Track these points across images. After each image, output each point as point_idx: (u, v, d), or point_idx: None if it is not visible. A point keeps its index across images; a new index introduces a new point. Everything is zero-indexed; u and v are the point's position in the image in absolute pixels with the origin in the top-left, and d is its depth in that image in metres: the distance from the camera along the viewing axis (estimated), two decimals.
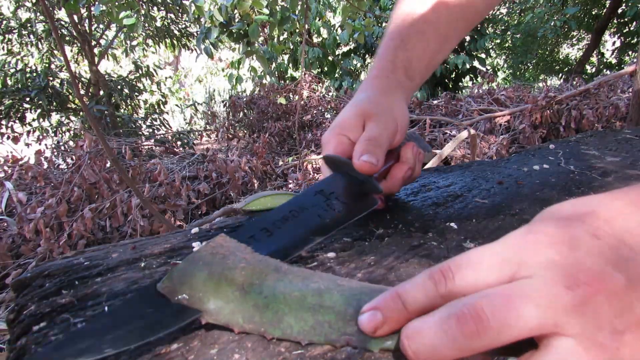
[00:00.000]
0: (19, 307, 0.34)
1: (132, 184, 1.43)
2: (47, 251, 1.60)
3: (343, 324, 0.28)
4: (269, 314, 0.29)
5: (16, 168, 2.03)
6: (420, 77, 0.56)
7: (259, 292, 0.30)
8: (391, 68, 0.53)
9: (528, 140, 2.63)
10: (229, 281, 0.30)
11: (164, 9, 4.56)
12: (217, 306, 0.29)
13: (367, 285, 0.31)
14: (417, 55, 0.55)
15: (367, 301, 0.28)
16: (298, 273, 0.32)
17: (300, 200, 0.43)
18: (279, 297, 0.29)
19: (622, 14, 6.14)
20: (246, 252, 0.33)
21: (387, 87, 0.52)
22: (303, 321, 0.28)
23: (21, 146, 3.97)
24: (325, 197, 0.43)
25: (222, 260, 0.32)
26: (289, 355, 0.27)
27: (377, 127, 0.46)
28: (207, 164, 2.35)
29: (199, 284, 0.30)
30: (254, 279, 0.31)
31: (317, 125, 3.51)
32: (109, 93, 4.38)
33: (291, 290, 0.30)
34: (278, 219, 0.40)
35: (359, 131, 0.47)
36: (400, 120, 0.48)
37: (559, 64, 7.85)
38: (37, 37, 4.43)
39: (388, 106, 0.49)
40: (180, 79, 8.47)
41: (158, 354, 0.27)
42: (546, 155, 0.73)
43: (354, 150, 0.44)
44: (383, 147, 0.45)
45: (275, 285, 0.30)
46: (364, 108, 0.48)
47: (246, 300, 0.29)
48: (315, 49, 5.03)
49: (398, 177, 0.47)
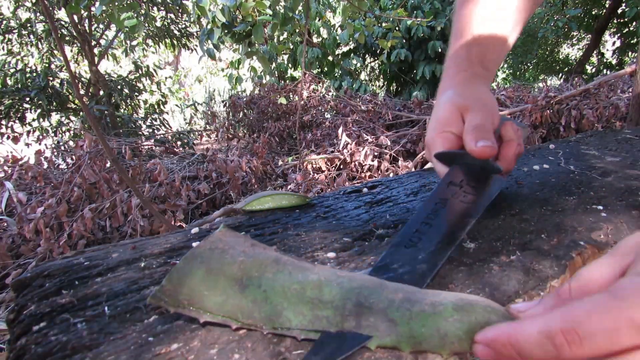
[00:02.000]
0: (19, 307, 0.34)
1: (132, 184, 1.43)
2: (47, 251, 1.60)
3: (341, 320, 0.28)
4: (267, 309, 0.28)
5: (16, 168, 2.03)
6: (495, 65, 0.59)
7: (257, 286, 0.29)
8: (467, 63, 0.56)
9: (528, 140, 2.63)
10: (227, 276, 0.30)
11: (164, 9, 4.56)
12: (217, 303, 0.29)
13: (368, 278, 0.31)
14: (490, 46, 0.57)
15: (366, 296, 0.28)
16: (298, 264, 0.32)
17: (439, 194, 0.45)
18: (278, 290, 0.29)
19: (622, 14, 6.14)
20: (245, 245, 0.33)
21: (469, 80, 0.54)
22: (301, 315, 0.28)
23: (21, 146, 3.97)
24: (459, 186, 0.46)
25: (220, 255, 0.31)
26: (289, 355, 0.27)
27: (478, 115, 0.48)
28: (207, 164, 2.35)
29: (198, 283, 0.30)
30: (253, 271, 0.30)
31: (317, 125, 3.51)
32: (109, 93, 4.37)
33: (290, 282, 0.30)
34: (430, 212, 0.43)
35: (460, 124, 0.49)
36: (492, 105, 0.51)
37: (559, 64, 7.85)
38: (37, 37, 4.43)
39: (478, 95, 0.51)
40: (180, 79, 8.47)
41: (158, 354, 0.27)
42: (546, 155, 0.73)
43: (466, 141, 0.46)
44: (491, 131, 0.47)
45: (275, 277, 0.30)
46: (457, 102, 0.50)
47: (245, 295, 0.29)
48: (315, 49, 5.03)
49: (510, 154, 0.49)
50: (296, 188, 2.15)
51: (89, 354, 0.27)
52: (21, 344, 0.29)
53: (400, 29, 5.10)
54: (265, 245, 0.34)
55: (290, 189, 2.17)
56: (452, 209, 0.43)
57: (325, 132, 3.21)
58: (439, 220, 0.41)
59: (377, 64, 6.21)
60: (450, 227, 0.41)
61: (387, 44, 3.24)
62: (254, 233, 0.47)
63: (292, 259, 0.32)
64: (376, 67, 6.43)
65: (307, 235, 0.45)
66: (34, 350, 0.28)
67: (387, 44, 3.24)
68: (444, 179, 0.47)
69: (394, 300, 0.28)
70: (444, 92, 0.54)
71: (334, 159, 2.51)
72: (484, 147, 0.44)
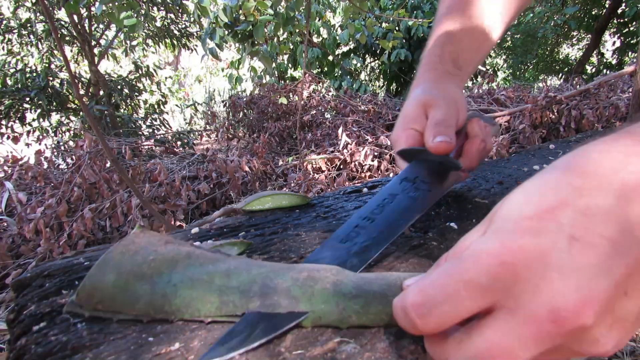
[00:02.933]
0: (19, 307, 0.34)
1: (132, 184, 1.43)
2: (47, 251, 1.60)
3: (246, 301, 0.29)
4: (177, 301, 0.30)
5: (16, 168, 2.03)
6: (471, 65, 0.59)
7: (167, 281, 0.31)
8: (438, 61, 0.56)
9: (528, 140, 2.63)
10: (137, 277, 0.31)
11: (164, 9, 4.56)
12: (128, 303, 0.30)
13: (279, 264, 0.32)
14: (465, 46, 0.57)
15: (272, 278, 0.30)
16: (210, 257, 0.33)
17: (389, 189, 0.45)
18: (187, 283, 0.30)
19: (622, 14, 6.14)
20: (159, 244, 0.34)
21: (438, 77, 0.55)
22: (210, 303, 0.30)
23: (21, 146, 3.97)
24: (412, 182, 0.46)
25: (131, 258, 0.32)
26: (289, 356, 0.27)
27: (440, 111, 0.48)
28: (207, 164, 2.35)
29: (109, 287, 0.30)
30: (163, 268, 0.31)
31: (317, 125, 3.50)
32: (109, 93, 4.37)
33: (200, 274, 0.31)
34: (375, 207, 0.43)
35: (424, 121, 0.49)
36: (459, 102, 0.51)
37: (559, 64, 7.85)
38: (37, 37, 4.42)
39: (444, 92, 0.51)
40: (180, 79, 8.47)
41: (158, 354, 0.27)
42: (546, 155, 0.73)
43: (425, 137, 0.47)
44: (451, 127, 0.48)
45: (186, 271, 0.31)
46: (422, 99, 0.51)
47: (155, 291, 0.30)
48: (315, 49, 5.03)
49: (472, 151, 0.49)
50: (296, 188, 2.15)
51: (89, 354, 0.27)
52: (21, 344, 0.29)
53: (400, 29, 5.10)
54: (182, 242, 0.35)
55: (290, 189, 2.17)
56: (399, 204, 0.43)
57: (325, 132, 3.20)
58: (382, 215, 0.41)
59: (377, 64, 6.21)
60: (393, 222, 0.41)
61: (388, 44, 3.24)
62: (254, 233, 0.47)
63: (206, 252, 0.34)
64: (376, 67, 6.43)
65: (307, 235, 0.45)
66: (34, 350, 0.28)
67: (388, 44, 3.24)
68: (399, 175, 0.48)
69: (298, 279, 0.30)
70: (414, 89, 0.55)
71: (334, 159, 2.51)
72: (440, 143, 0.45)
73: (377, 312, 0.28)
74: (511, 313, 0.21)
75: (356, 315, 0.28)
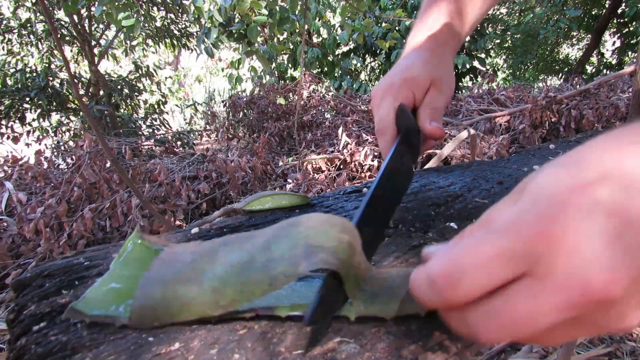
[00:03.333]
0: (19, 307, 0.34)
1: (132, 184, 1.43)
2: (47, 251, 1.60)
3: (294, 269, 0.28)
4: (229, 292, 0.29)
5: (16, 168, 2.03)
6: (470, 26, 0.60)
7: (211, 277, 0.30)
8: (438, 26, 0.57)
9: (528, 140, 2.64)
10: (182, 282, 0.30)
11: (163, 9, 4.56)
12: (185, 310, 0.30)
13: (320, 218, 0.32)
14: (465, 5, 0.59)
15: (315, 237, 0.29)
16: (245, 235, 0.33)
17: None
18: (231, 269, 0.30)
19: (622, 14, 6.15)
20: (191, 247, 0.34)
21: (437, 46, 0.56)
22: (261, 283, 0.29)
23: (21, 146, 3.97)
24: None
25: (170, 267, 0.32)
26: (289, 356, 0.27)
27: (442, 98, 0.52)
28: (207, 164, 2.35)
29: (159, 303, 0.30)
30: (204, 265, 0.31)
31: (317, 125, 3.51)
32: (108, 93, 4.37)
33: (240, 256, 0.30)
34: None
35: (424, 92, 0.52)
36: (452, 85, 0.54)
37: (559, 64, 7.85)
38: (37, 37, 4.42)
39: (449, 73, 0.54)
40: (180, 79, 8.47)
41: (158, 354, 0.27)
42: (546, 155, 0.73)
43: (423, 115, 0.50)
44: (443, 113, 0.52)
45: (227, 258, 0.31)
46: (434, 73, 0.52)
47: (204, 289, 0.30)
48: (314, 49, 5.04)
49: None
50: (296, 188, 2.15)
51: (89, 354, 0.27)
52: (21, 344, 0.29)
53: (399, 29, 5.11)
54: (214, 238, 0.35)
55: (290, 189, 2.17)
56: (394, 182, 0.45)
57: (325, 132, 3.21)
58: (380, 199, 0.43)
59: (377, 64, 6.22)
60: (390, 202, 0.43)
61: (385, 44, 3.25)
62: None
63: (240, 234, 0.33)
64: (376, 67, 6.44)
65: None
66: (34, 350, 0.28)
67: (385, 44, 3.25)
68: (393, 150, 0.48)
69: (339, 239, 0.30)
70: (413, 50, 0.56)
71: (334, 159, 2.51)
72: (437, 128, 0.50)
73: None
74: (540, 280, 0.21)
75: None
